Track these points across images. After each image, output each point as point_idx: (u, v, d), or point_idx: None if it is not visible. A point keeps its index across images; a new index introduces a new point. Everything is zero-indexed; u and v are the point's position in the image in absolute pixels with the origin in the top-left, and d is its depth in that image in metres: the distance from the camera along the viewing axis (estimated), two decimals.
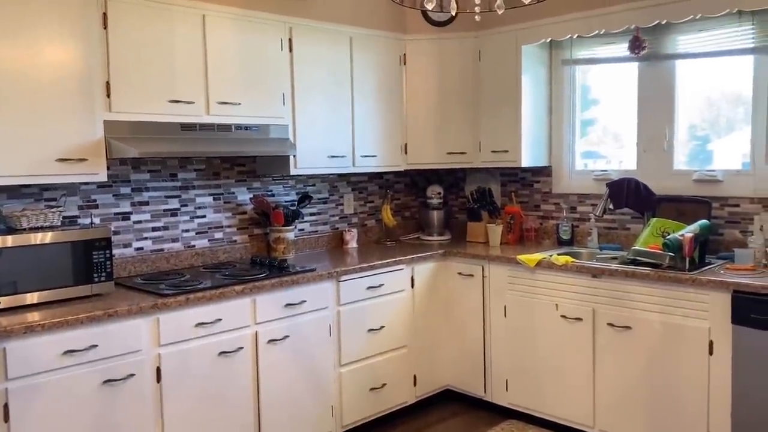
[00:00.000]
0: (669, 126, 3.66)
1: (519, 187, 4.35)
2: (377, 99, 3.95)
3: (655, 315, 3.08)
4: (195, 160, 3.52)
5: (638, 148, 3.80)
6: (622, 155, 3.96)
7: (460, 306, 3.90)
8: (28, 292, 2.61)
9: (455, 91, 4.11)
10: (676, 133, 3.66)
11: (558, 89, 4.10)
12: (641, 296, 3.12)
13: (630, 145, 3.87)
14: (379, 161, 3.99)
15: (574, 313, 3.37)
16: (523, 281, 3.59)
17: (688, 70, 3.61)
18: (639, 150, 3.80)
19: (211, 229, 3.59)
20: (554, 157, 4.16)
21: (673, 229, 3.25)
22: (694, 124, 3.67)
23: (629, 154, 3.89)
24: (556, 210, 4.17)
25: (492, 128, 4.04)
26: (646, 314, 3.11)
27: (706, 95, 3.63)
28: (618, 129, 3.98)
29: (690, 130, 3.68)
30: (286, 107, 3.48)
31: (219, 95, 3.19)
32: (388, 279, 3.63)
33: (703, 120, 3.66)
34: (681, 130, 3.67)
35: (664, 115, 3.67)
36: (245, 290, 2.98)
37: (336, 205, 4.21)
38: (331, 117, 3.71)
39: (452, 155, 4.15)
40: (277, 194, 3.88)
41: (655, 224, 3.35)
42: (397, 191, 4.58)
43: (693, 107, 3.65)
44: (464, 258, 3.86)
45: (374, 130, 3.95)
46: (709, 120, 3.64)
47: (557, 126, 4.13)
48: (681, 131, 3.67)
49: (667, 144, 3.67)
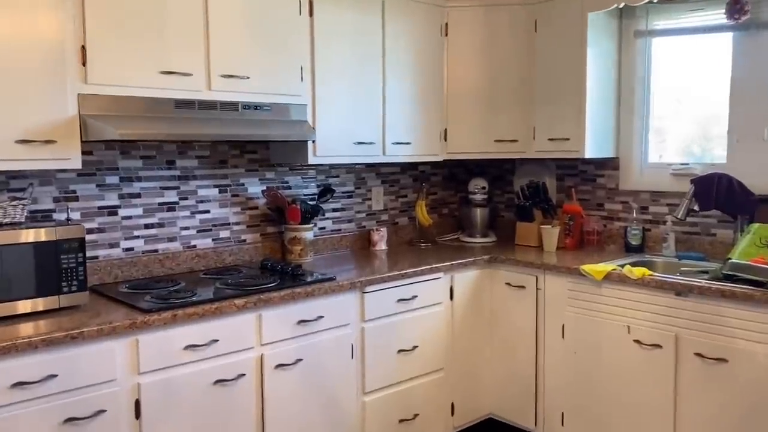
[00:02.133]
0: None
1: (579, 182, 3.71)
2: (413, 76, 3.36)
3: (759, 346, 2.44)
4: (197, 146, 2.97)
5: (730, 138, 3.14)
6: (708, 146, 3.29)
7: (507, 323, 3.29)
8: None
9: (506, 67, 3.49)
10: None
11: (629, 66, 3.45)
12: (741, 322, 2.48)
13: (719, 134, 3.20)
14: (414, 149, 3.40)
15: (651, 339, 2.74)
16: (587, 296, 2.97)
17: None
18: (731, 140, 3.13)
19: (216, 226, 3.05)
20: (623, 148, 3.51)
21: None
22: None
23: (718, 145, 3.23)
24: (623, 210, 3.53)
25: (549, 112, 3.41)
26: (748, 344, 2.47)
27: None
28: (704, 114, 3.31)
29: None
30: (304, 84, 2.91)
31: (223, 67, 2.64)
32: (423, 290, 3.05)
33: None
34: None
35: (766, 98, 2.99)
36: (248, 304, 2.43)
37: (363, 200, 3.64)
38: (358, 96, 3.13)
39: (501, 143, 3.53)
40: (294, 186, 3.33)
41: (758, 231, 2.69)
42: (433, 185, 3.99)
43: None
44: (514, 265, 3.25)
45: (409, 112, 3.35)
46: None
47: (627, 111, 3.48)
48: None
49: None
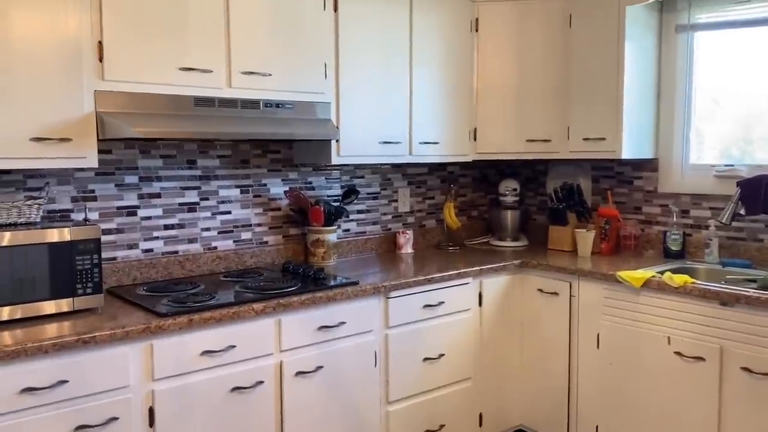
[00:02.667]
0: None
1: (615, 184, 3.55)
2: (442, 73, 3.23)
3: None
4: (218, 145, 2.90)
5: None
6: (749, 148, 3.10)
7: (539, 331, 3.15)
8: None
9: (539, 64, 3.35)
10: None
11: (669, 62, 3.28)
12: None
13: (763, 134, 3.01)
14: (443, 149, 3.28)
15: (693, 351, 2.57)
16: (624, 304, 2.81)
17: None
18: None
19: (238, 228, 2.97)
20: (662, 148, 3.34)
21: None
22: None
23: (760, 147, 3.04)
24: (662, 213, 3.35)
25: (585, 110, 3.26)
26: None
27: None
28: (749, 113, 3.12)
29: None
30: (328, 81, 2.81)
31: (244, 63, 2.56)
32: (451, 295, 2.92)
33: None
34: None
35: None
36: (267, 309, 2.34)
37: (389, 202, 3.53)
38: (384, 94, 3.02)
39: (533, 143, 3.39)
40: (317, 187, 3.23)
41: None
42: (462, 186, 3.86)
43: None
44: (547, 271, 3.11)
45: (437, 111, 3.23)
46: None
47: (667, 109, 3.30)
48: None
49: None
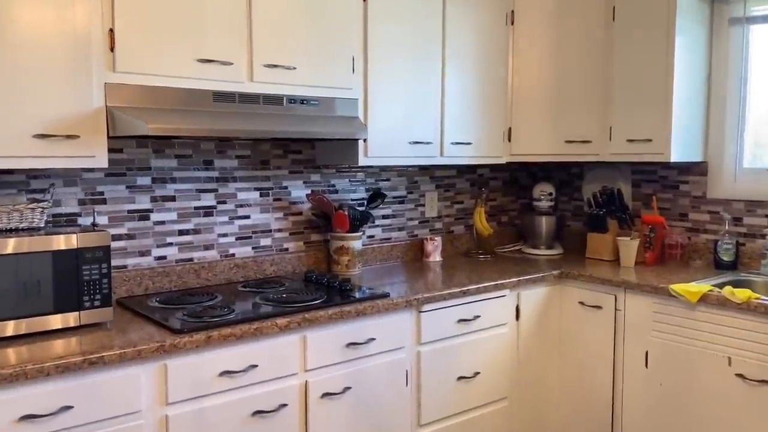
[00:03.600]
0: None
1: (658, 189, 3.31)
2: (475, 68, 3.01)
3: None
4: (237, 145, 2.69)
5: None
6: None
7: (580, 347, 2.92)
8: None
9: (579, 59, 3.12)
10: None
11: (721, 58, 3.04)
12: None
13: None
14: (475, 150, 3.06)
15: (758, 374, 2.34)
16: (677, 320, 2.58)
17: None
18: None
19: (257, 233, 2.76)
20: (712, 151, 3.10)
21: None
22: None
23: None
24: (711, 221, 3.12)
25: (629, 110, 3.03)
26: None
27: None
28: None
29: None
30: (355, 76, 2.60)
31: (267, 55, 2.35)
32: (486, 309, 2.70)
33: None
34: None
35: None
36: (292, 324, 2.12)
37: (415, 206, 3.31)
38: (415, 90, 2.80)
39: (572, 144, 3.16)
40: (341, 190, 3.02)
41: None
42: (492, 190, 3.63)
43: None
44: (589, 282, 2.88)
45: (470, 109, 3.01)
46: None
47: (718, 108, 3.07)
48: None
49: None
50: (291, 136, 2.35)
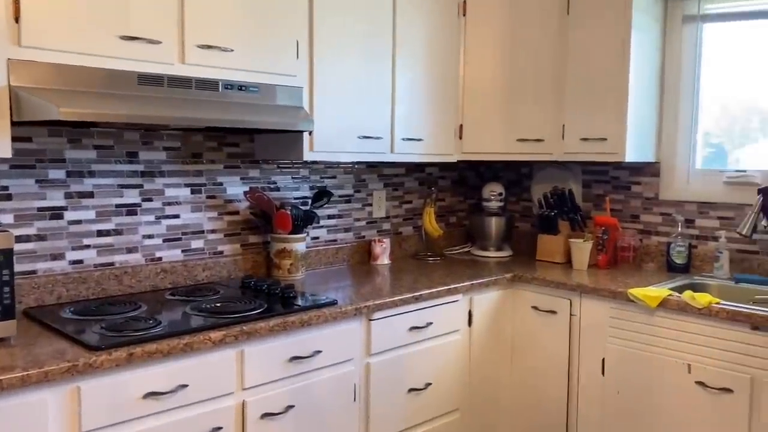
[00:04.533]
0: None
1: (609, 190, 3.23)
2: (426, 61, 2.84)
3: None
4: (166, 135, 2.42)
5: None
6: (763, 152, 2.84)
7: (534, 354, 2.79)
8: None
9: (532, 54, 3.00)
10: None
11: (675, 57, 2.98)
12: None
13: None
14: (426, 147, 2.89)
15: (718, 381, 2.26)
16: (635, 326, 2.48)
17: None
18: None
19: (187, 235, 2.50)
20: (665, 151, 3.04)
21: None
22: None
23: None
24: (663, 223, 3.06)
25: (583, 108, 2.92)
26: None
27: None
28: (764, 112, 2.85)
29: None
30: (300, 62, 2.38)
31: (201, 34, 2.10)
32: (439, 315, 2.53)
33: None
34: None
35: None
36: (227, 338, 1.89)
37: (363, 206, 3.11)
38: (365, 81, 2.60)
39: (524, 143, 3.04)
40: (283, 188, 2.78)
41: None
42: (441, 189, 3.48)
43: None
44: (543, 286, 2.75)
45: (421, 104, 2.84)
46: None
47: (671, 108, 3.01)
48: None
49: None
50: (227, 125, 2.10)
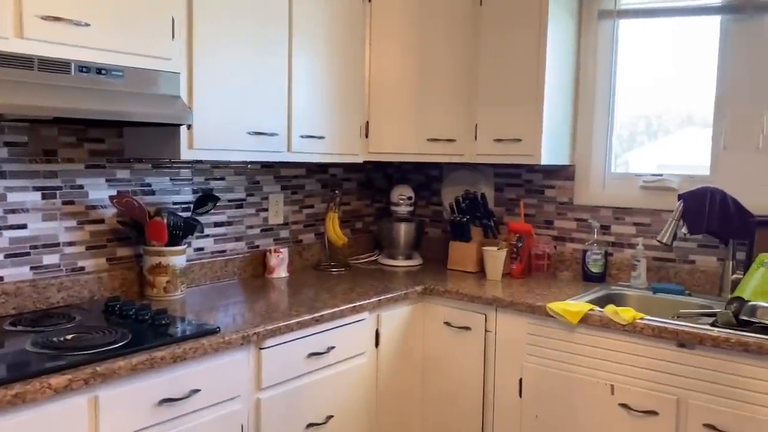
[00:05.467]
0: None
1: (522, 194, 3.05)
2: (328, 50, 2.54)
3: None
4: (7, 128, 1.97)
5: (714, 145, 2.59)
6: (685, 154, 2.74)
7: (446, 375, 2.55)
8: None
9: (443, 48, 2.76)
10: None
11: (590, 54, 2.83)
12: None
13: (700, 140, 2.66)
14: (329, 146, 2.58)
15: (644, 403, 2.10)
16: (554, 343, 2.29)
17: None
18: (715, 147, 2.59)
19: (38, 248, 2.06)
20: (579, 153, 2.89)
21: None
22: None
23: (696, 154, 2.68)
24: (578, 229, 2.90)
25: (497, 106, 2.71)
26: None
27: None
28: (680, 115, 2.75)
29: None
30: (177, 43, 2.00)
31: (45, 3, 1.68)
32: (343, 337, 2.23)
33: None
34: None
35: (762, 96, 2.47)
36: (75, 383, 1.50)
37: (257, 211, 2.76)
38: (257, 70, 2.26)
39: (435, 143, 2.79)
40: (159, 192, 2.39)
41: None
42: (346, 192, 3.18)
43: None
44: (456, 300, 2.51)
45: (323, 97, 2.53)
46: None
47: (586, 108, 2.86)
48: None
49: (764, 139, 2.47)
50: (85, 116, 1.71)
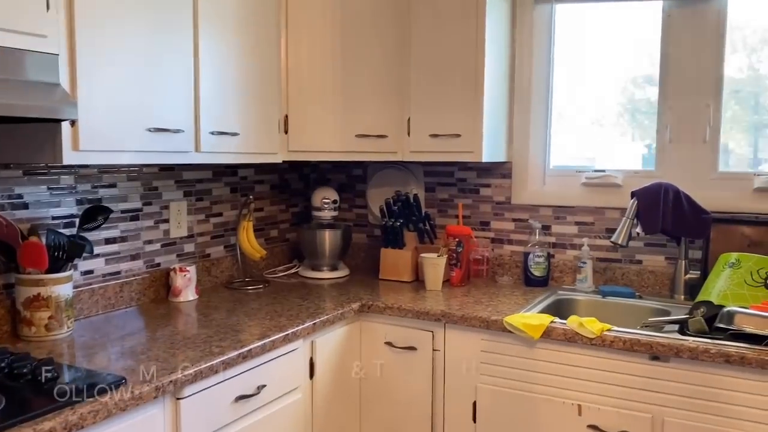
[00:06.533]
0: (715, 102, 2.36)
1: (456, 193, 2.81)
2: (239, 32, 2.15)
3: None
4: None
5: (659, 138, 2.47)
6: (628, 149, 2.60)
7: (391, 401, 2.25)
8: None
9: (371, 32, 2.45)
10: (724, 114, 2.37)
11: (525, 41, 2.63)
12: (751, 398, 1.74)
13: (643, 133, 2.53)
14: (244, 144, 2.20)
15: (615, 423, 1.91)
16: (512, 361, 2.05)
17: (749, 13, 2.34)
18: (660, 140, 2.46)
19: None
20: (517, 149, 2.68)
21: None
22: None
23: (639, 148, 2.55)
24: (516, 230, 2.71)
25: (432, 99, 2.45)
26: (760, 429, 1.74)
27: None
28: (621, 107, 2.61)
29: (752, 109, 2.41)
30: (53, 15, 1.56)
31: None
32: (273, 373, 1.87)
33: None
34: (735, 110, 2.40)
35: (707, 87, 2.36)
36: None
37: (155, 223, 2.32)
38: (156, 55, 1.84)
39: (365, 140, 2.48)
40: (34, 205, 1.91)
41: (748, 264, 2.01)
42: (259, 196, 2.80)
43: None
44: (399, 317, 2.22)
45: (234, 88, 2.14)
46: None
47: (523, 100, 2.66)
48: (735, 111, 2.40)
49: (710, 132, 2.36)
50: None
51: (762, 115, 2.35)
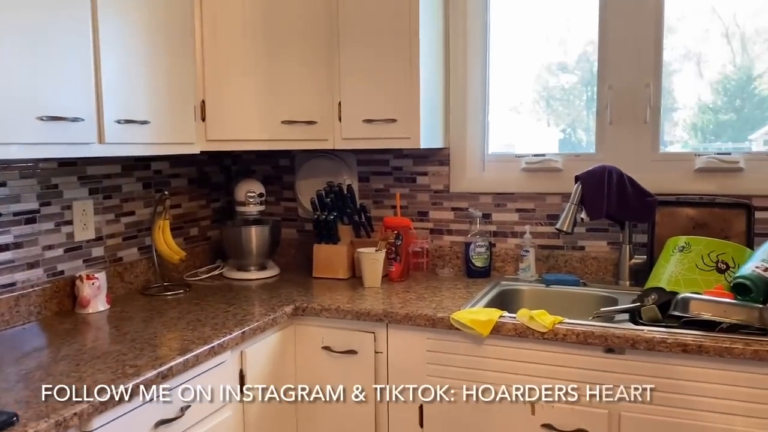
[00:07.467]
0: (655, 81, 2.29)
1: (391, 182, 2.66)
2: (146, 9, 1.91)
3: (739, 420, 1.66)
4: None
5: (599, 120, 2.39)
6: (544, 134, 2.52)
7: (330, 411, 2.07)
8: None
9: (295, 3, 2.25)
10: (666, 92, 2.31)
11: (459, 20, 2.49)
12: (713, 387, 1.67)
13: (581, 114, 2.45)
14: (155, 134, 1.95)
15: (570, 421, 1.81)
16: (460, 360, 1.92)
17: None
18: (600, 122, 2.38)
19: None
20: (454, 134, 2.55)
21: (734, 256, 1.88)
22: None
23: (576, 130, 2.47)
24: (456, 219, 2.58)
25: (364, 80, 2.27)
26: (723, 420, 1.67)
27: (725, 28, 2.31)
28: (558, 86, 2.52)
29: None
30: None
31: None
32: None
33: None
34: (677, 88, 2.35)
35: (646, 65, 2.29)
36: None
37: (57, 226, 2.04)
38: (46, 26, 1.58)
39: (292, 126, 2.28)
40: None
41: (699, 247, 1.94)
42: (175, 191, 2.54)
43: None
44: (336, 318, 2.04)
45: (141, 70, 1.90)
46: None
47: (458, 80, 2.52)
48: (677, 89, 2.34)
49: (651, 111, 2.30)
50: None
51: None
